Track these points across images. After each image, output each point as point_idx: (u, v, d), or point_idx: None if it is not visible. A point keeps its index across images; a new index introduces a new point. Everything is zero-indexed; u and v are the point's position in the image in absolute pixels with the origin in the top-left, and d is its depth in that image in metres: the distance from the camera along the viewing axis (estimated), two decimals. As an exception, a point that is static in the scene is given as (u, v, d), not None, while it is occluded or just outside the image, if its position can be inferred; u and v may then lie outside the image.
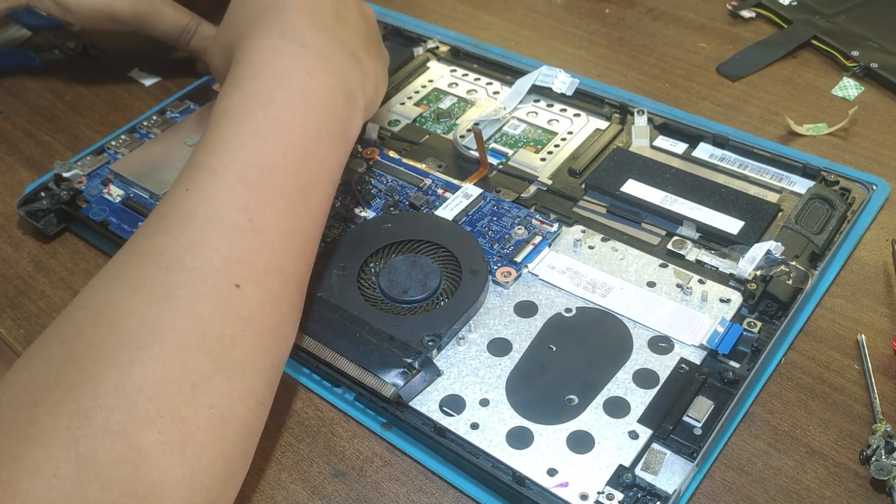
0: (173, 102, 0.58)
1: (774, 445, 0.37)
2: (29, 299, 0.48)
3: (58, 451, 0.29)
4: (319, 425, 0.40)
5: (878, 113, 0.54)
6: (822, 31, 0.60)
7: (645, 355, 0.40)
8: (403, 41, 0.62)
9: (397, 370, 0.39)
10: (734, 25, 0.63)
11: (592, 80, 0.58)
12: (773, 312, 0.41)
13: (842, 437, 0.37)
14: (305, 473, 0.38)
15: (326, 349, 0.40)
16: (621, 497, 0.35)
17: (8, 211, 0.53)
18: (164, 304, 0.32)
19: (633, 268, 0.44)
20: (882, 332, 0.41)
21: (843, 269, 0.44)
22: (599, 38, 0.63)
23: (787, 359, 0.41)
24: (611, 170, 0.49)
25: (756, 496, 0.35)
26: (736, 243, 0.44)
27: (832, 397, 0.39)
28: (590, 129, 0.53)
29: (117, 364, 0.31)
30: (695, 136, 0.51)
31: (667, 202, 0.47)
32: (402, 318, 0.41)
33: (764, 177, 0.49)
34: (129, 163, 0.53)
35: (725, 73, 0.59)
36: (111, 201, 0.51)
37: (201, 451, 0.31)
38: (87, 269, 0.49)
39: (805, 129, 0.52)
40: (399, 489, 0.37)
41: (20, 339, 0.46)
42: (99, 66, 0.65)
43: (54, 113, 0.61)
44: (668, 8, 0.66)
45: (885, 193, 0.48)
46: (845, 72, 0.57)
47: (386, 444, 0.39)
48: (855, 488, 0.35)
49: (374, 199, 0.49)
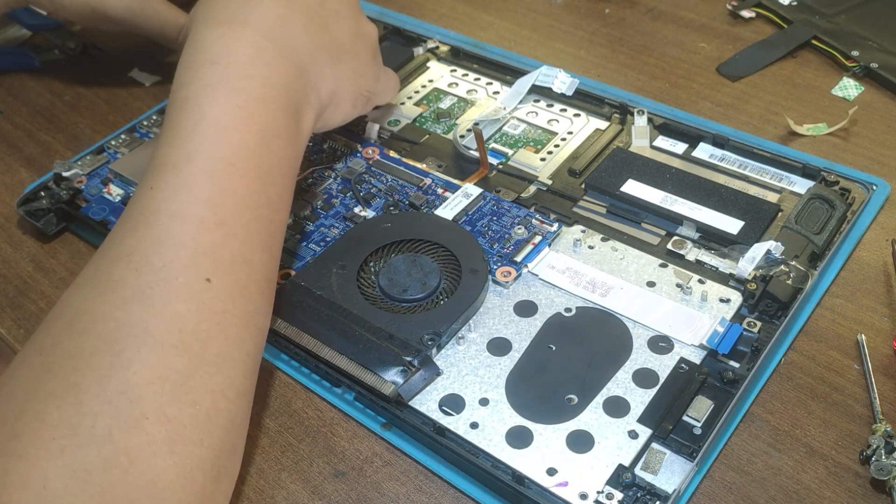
0: (173, 102, 0.59)
1: (774, 445, 0.37)
2: (29, 299, 0.48)
3: (45, 463, 0.28)
4: (319, 425, 0.40)
5: (878, 113, 0.54)
6: (822, 31, 0.60)
7: (645, 355, 0.40)
8: (403, 41, 0.62)
9: (397, 368, 0.39)
10: (734, 25, 0.63)
11: (592, 80, 0.58)
12: (773, 312, 0.41)
13: (842, 437, 0.37)
14: (305, 473, 0.38)
15: (326, 347, 0.40)
16: (621, 496, 0.35)
17: (8, 211, 0.53)
18: (136, 306, 0.32)
19: (633, 268, 0.44)
20: (882, 332, 0.41)
21: (843, 269, 0.44)
22: (599, 38, 0.63)
23: (787, 359, 0.41)
24: (611, 170, 0.49)
25: (756, 496, 0.35)
26: (736, 243, 0.44)
27: (832, 397, 0.39)
28: (590, 129, 0.53)
29: (97, 370, 0.30)
30: (695, 136, 0.51)
31: (667, 202, 0.47)
32: (402, 317, 0.41)
33: (764, 177, 0.49)
34: (129, 162, 0.53)
35: (725, 73, 0.59)
36: (111, 201, 0.51)
37: (190, 449, 0.31)
38: (86, 269, 0.49)
39: (805, 129, 0.52)
40: (399, 489, 0.37)
41: (20, 339, 0.46)
42: (99, 66, 0.65)
43: (54, 113, 0.61)
44: (668, 8, 0.66)
45: (885, 193, 0.48)
46: (845, 72, 0.57)
47: (386, 444, 0.39)
48: (855, 488, 0.35)
49: (374, 199, 0.49)
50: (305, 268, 0.45)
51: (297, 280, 0.43)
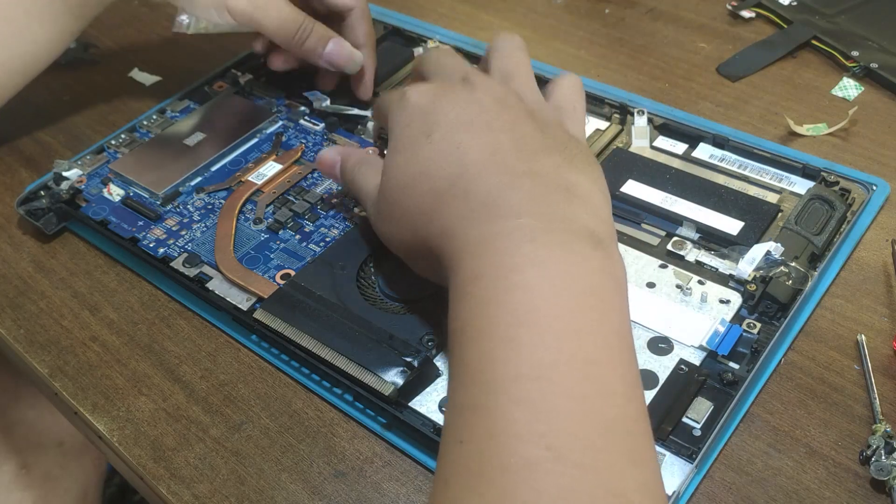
0: (173, 102, 0.59)
1: (774, 446, 0.37)
2: (29, 299, 0.48)
3: None
4: (319, 425, 0.40)
5: (878, 113, 0.54)
6: (822, 31, 0.60)
7: (644, 356, 0.40)
8: (403, 41, 0.62)
9: (397, 369, 0.39)
10: (734, 25, 0.63)
11: (592, 80, 0.57)
12: (773, 313, 0.41)
13: (842, 438, 0.37)
14: (305, 474, 0.38)
15: (326, 348, 0.40)
16: (621, 497, 0.34)
17: (8, 211, 0.53)
18: None
19: (633, 268, 0.44)
20: (882, 332, 0.41)
21: (843, 270, 0.44)
22: (599, 38, 0.63)
23: (786, 359, 0.41)
24: (611, 170, 0.49)
25: (756, 496, 0.35)
26: (736, 244, 0.44)
27: (832, 397, 0.39)
28: (590, 129, 0.53)
29: None
30: (695, 137, 0.51)
31: (667, 203, 0.47)
32: (402, 318, 0.41)
33: (764, 177, 0.49)
34: (129, 162, 0.53)
35: (725, 73, 0.59)
36: (111, 200, 0.51)
37: None
38: (86, 269, 0.49)
39: (805, 129, 0.52)
40: (399, 489, 0.37)
41: (20, 339, 0.46)
42: (99, 66, 0.65)
43: (54, 113, 0.61)
44: (668, 8, 0.66)
45: (885, 194, 0.48)
46: (845, 72, 0.57)
47: (386, 444, 0.39)
48: (855, 488, 0.35)
49: (373, 199, 0.49)
50: (305, 268, 0.45)
51: (297, 280, 0.43)
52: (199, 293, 0.45)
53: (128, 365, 0.44)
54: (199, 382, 0.42)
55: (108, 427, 0.41)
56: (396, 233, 0.39)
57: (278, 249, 0.47)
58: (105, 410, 0.42)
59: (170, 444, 0.40)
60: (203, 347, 0.44)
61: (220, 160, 0.53)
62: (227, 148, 0.53)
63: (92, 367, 0.44)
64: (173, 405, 0.41)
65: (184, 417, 0.41)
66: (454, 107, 0.37)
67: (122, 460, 0.40)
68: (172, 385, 0.42)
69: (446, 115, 0.37)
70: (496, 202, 0.34)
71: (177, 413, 0.41)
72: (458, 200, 0.35)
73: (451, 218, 0.35)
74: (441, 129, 0.37)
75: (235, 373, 0.43)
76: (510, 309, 0.31)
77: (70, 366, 0.44)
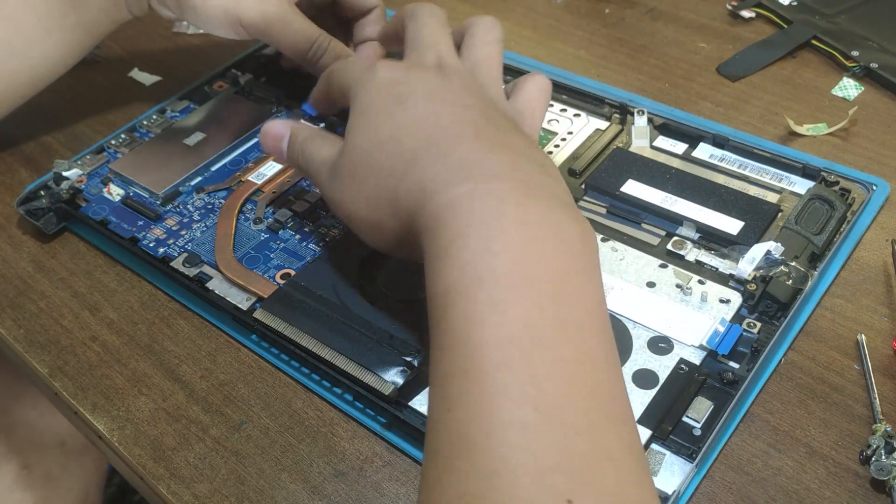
0: (173, 102, 0.59)
1: (774, 445, 0.37)
2: (29, 299, 0.48)
3: None
4: (319, 425, 0.40)
5: (878, 113, 0.54)
6: (822, 31, 0.60)
7: (644, 356, 0.40)
8: (403, 41, 0.62)
9: (397, 368, 0.39)
10: (734, 25, 0.63)
11: (592, 80, 0.57)
12: (773, 313, 0.41)
13: (842, 438, 0.37)
14: (305, 473, 0.38)
15: (326, 347, 0.40)
16: (621, 497, 0.35)
17: (8, 211, 0.53)
18: None
19: (633, 268, 0.44)
20: (882, 332, 0.41)
21: (843, 270, 0.44)
22: (599, 38, 0.63)
23: (786, 359, 0.41)
24: (611, 170, 0.49)
25: (756, 496, 0.35)
26: (736, 244, 0.44)
27: (832, 397, 0.39)
28: (590, 129, 0.53)
29: None
30: (695, 137, 0.51)
31: (667, 202, 0.47)
32: (402, 317, 0.41)
33: (764, 177, 0.49)
34: (129, 162, 0.53)
35: (725, 73, 0.59)
36: (111, 200, 0.51)
37: None
38: (87, 269, 0.49)
39: (805, 129, 0.52)
40: (399, 489, 0.37)
41: (20, 339, 0.46)
42: (99, 66, 0.65)
43: (54, 113, 0.61)
44: (668, 8, 0.66)
45: (885, 194, 0.48)
46: (845, 72, 0.57)
47: (386, 444, 0.39)
48: (855, 488, 0.35)
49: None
50: (305, 268, 0.45)
51: (297, 280, 0.43)
52: (199, 293, 0.45)
53: (128, 365, 0.44)
54: (198, 382, 0.42)
55: (108, 427, 0.41)
56: (357, 195, 0.37)
57: (278, 249, 0.47)
58: (105, 410, 0.42)
59: (170, 444, 0.40)
60: (203, 347, 0.44)
61: (220, 160, 0.53)
62: (227, 148, 0.53)
63: (92, 367, 0.44)
64: (173, 405, 0.42)
65: (184, 417, 0.41)
66: (427, 84, 0.38)
67: (121, 460, 0.40)
68: (172, 385, 0.42)
69: (418, 88, 0.37)
70: (478, 163, 0.34)
71: (177, 413, 0.41)
72: (436, 160, 0.34)
73: (430, 176, 0.34)
74: (415, 98, 0.37)
75: (235, 373, 0.43)
76: (497, 270, 0.30)
77: (70, 366, 0.44)
